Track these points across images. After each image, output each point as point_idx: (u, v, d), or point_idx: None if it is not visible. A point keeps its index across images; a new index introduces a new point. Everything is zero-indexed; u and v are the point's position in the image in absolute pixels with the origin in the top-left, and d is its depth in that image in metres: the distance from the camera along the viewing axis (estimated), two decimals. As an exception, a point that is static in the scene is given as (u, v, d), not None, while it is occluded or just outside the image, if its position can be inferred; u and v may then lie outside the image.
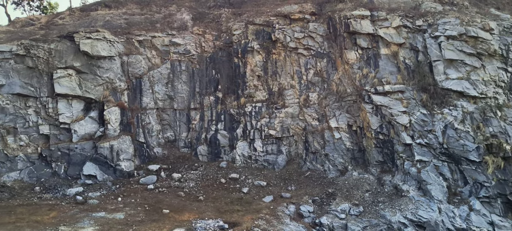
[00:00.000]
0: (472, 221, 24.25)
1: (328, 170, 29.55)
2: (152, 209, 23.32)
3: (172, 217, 22.31)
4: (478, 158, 25.67)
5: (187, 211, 23.26)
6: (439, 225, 23.88)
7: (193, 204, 24.81)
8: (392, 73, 29.71)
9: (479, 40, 28.55)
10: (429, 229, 23.82)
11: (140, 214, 22.44)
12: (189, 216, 22.42)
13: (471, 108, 27.58)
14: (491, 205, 25.24)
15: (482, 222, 24.29)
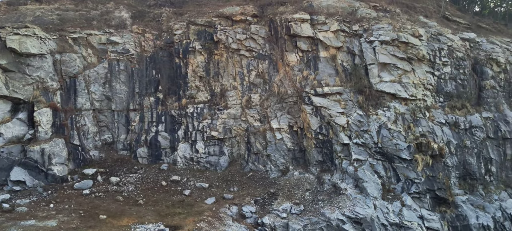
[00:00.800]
0: (404, 216, 25.71)
1: (270, 170, 29.92)
2: (87, 215, 22.18)
3: (110, 222, 21.37)
4: (409, 156, 27.27)
5: (126, 216, 22.40)
6: (374, 221, 25.04)
7: (133, 208, 23.96)
8: (331, 76, 30.75)
9: (410, 45, 30.40)
10: (365, 225, 24.90)
11: (74, 220, 21.24)
12: (128, 221, 21.61)
13: (403, 109, 29.29)
14: (421, 200, 26.95)
15: (413, 217, 25.84)
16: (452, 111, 31.17)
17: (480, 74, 33.82)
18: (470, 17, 44.97)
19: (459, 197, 28.48)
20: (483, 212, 27.94)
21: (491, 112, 32.50)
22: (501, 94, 34.04)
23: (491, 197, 29.61)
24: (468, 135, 30.87)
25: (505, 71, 34.48)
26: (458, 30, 38.04)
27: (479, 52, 34.62)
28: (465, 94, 32.53)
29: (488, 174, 31.07)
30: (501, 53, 34.78)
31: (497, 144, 31.73)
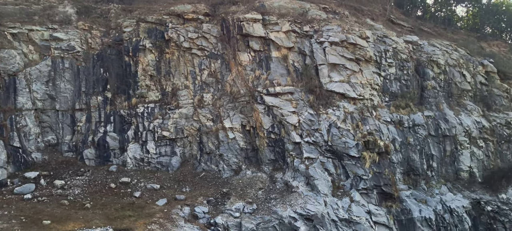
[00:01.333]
0: (353, 211, 26.56)
1: (222, 170, 29.81)
2: (30, 221, 21.01)
3: (54, 228, 20.41)
4: (357, 153, 28.22)
5: (71, 221, 21.46)
6: (325, 217, 25.68)
7: (79, 213, 22.98)
8: (283, 76, 31.16)
9: (358, 47, 31.47)
10: (317, 222, 25.47)
11: (15, 227, 20.06)
12: (74, 226, 20.73)
13: (351, 108, 30.25)
14: (369, 195, 27.96)
15: (361, 212, 26.76)
16: (397, 111, 32.62)
17: (422, 75, 35.65)
18: (413, 21, 47.30)
19: (403, 192, 29.89)
20: (426, 206, 29.49)
21: (432, 111, 34.35)
22: (441, 94, 36.06)
23: (432, 191, 31.31)
24: (412, 132, 32.45)
25: (445, 73, 36.56)
26: (402, 33, 39.90)
27: (421, 54, 36.48)
28: (409, 94, 34.16)
29: (429, 170, 32.84)
30: (441, 55, 36.85)
31: (437, 141, 33.60)
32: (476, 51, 44.16)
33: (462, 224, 29.94)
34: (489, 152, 35.87)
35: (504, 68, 43.41)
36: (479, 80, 39.23)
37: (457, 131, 34.08)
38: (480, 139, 35.32)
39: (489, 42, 53.34)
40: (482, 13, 58.08)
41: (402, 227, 28.06)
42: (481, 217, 31.87)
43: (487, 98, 39.12)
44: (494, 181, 34.11)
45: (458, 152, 34.14)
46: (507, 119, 37.68)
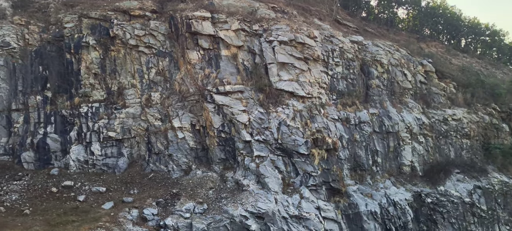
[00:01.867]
0: (303, 208, 27.00)
1: (172, 170, 29.18)
2: (-40, 231, 19.42)
3: (-11, 236, 18.99)
4: (307, 151, 28.70)
5: (8, 228, 20.10)
6: (275, 214, 25.88)
7: (17, 219, 21.57)
8: (232, 74, 31.03)
9: (306, 46, 32.02)
10: (268, 219, 25.61)
11: None
12: (11, 234, 19.41)
13: (300, 106, 30.71)
14: (318, 192, 28.55)
15: (311, 208, 27.26)
16: (344, 108, 33.58)
17: (367, 74, 36.96)
18: (358, 22, 48.99)
19: (350, 187, 30.80)
20: (371, 200, 30.60)
21: (377, 109, 35.71)
22: (384, 92, 37.58)
23: (377, 185, 32.56)
24: (358, 129, 33.54)
25: (388, 72, 38.14)
26: (348, 33, 41.15)
27: (366, 54, 37.80)
28: (355, 92, 35.29)
29: (375, 165, 34.11)
30: (384, 55, 38.41)
31: (382, 137, 34.98)
32: (416, 52, 46.53)
33: (405, 216, 31.38)
34: (429, 147, 37.90)
35: (442, 68, 46.08)
36: (419, 79, 41.35)
37: (400, 127, 35.70)
38: (420, 134, 37.23)
39: (428, 43, 56.47)
40: (421, 15, 61.32)
41: (350, 221, 28.94)
42: (422, 208, 33.59)
43: (427, 96, 41.32)
44: (433, 174, 36.11)
45: (401, 147, 35.76)
46: (445, 116, 40.01)
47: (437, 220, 33.77)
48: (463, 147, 40.69)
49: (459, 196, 34.91)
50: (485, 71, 56.02)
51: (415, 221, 32.71)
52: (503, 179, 39.31)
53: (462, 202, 34.92)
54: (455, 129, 40.16)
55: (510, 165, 41.89)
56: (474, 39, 68.56)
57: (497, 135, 44.18)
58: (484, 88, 47.54)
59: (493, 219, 36.85)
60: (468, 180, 36.91)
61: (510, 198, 38.99)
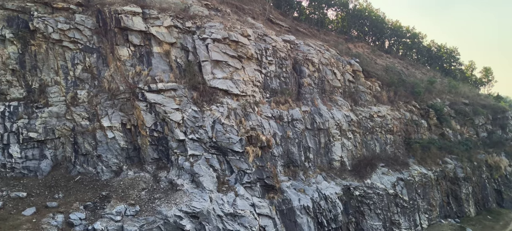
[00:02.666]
0: (238, 205, 27.05)
1: (101, 172, 27.80)
2: None
3: None
4: (241, 148, 28.80)
5: None
6: (210, 213, 25.66)
7: None
8: (165, 72, 30.27)
9: (240, 44, 32.10)
10: (202, 218, 25.32)
11: None
12: None
13: (235, 105, 30.75)
14: (252, 189, 28.77)
15: (246, 205, 27.41)
16: (277, 106, 34.18)
17: (299, 72, 37.95)
18: (290, 21, 50.14)
19: (284, 183, 31.45)
20: (304, 195, 31.46)
21: (308, 106, 36.80)
22: (315, 90, 38.84)
23: (309, 180, 33.55)
24: (291, 127, 34.33)
25: (319, 71, 39.46)
26: (281, 32, 41.99)
27: (298, 53, 38.79)
28: (287, 90, 36.06)
29: (307, 161, 35.13)
30: (315, 54, 39.67)
31: (313, 134, 36.11)
32: (344, 52, 48.70)
33: (335, 209, 32.67)
34: (357, 142, 39.83)
35: (368, 67, 48.66)
36: (347, 78, 43.28)
37: (330, 124, 37.10)
38: (349, 131, 39.00)
39: (355, 43, 59.36)
40: (349, 17, 64.27)
41: (283, 217, 29.54)
42: (351, 201, 35.20)
43: (354, 94, 43.41)
44: (361, 168, 38.02)
45: (331, 143, 37.18)
46: (371, 113, 42.29)
47: (365, 212, 35.61)
48: (387, 142, 43.32)
49: (384, 188, 37.08)
50: (406, 71, 60.08)
51: (345, 213, 34.21)
52: (422, 170, 42.43)
53: (386, 193, 37.13)
54: (380, 125, 42.63)
55: (428, 158, 45.32)
56: (397, 41, 73.35)
57: (417, 130, 47.63)
58: (405, 87, 51.00)
59: (414, 208, 39.63)
60: (392, 172, 39.36)
61: (429, 188, 42.20)
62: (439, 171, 44.78)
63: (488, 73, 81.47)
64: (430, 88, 55.51)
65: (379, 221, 36.03)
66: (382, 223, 36.20)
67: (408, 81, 52.74)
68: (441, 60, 79.24)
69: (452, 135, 51.49)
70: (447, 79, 67.64)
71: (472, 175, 48.18)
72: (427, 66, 75.53)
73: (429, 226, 41.39)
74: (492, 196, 50.66)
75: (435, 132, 50.38)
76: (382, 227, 36.10)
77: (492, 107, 60.08)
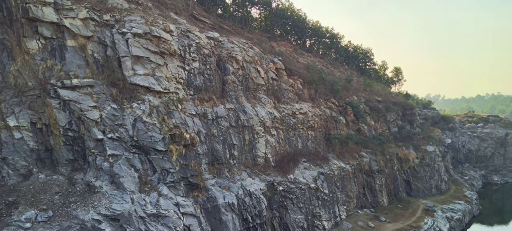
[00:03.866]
0: (161, 205, 26.29)
1: (7, 176, 25.32)
2: None
3: None
4: (164, 147, 27.99)
5: None
6: (132, 215, 24.63)
7: None
8: (81, 67, 28.40)
9: (162, 40, 31.12)
10: (123, 221, 24.21)
11: None
12: None
13: (157, 102, 29.79)
14: (176, 188, 28.14)
15: (169, 205, 26.72)
16: (201, 104, 33.75)
17: (223, 70, 37.83)
18: (214, 18, 49.78)
19: (209, 181, 31.18)
20: (229, 192, 31.46)
21: (233, 104, 36.85)
22: (240, 88, 39.01)
23: (234, 177, 33.63)
24: (215, 124, 34.11)
25: (243, 68, 39.68)
26: (205, 29, 41.52)
27: (222, 50, 38.66)
28: (212, 88, 35.77)
29: (232, 158, 35.17)
30: (239, 52, 39.83)
31: (238, 131, 36.24)
32: (268, 50, 49.54)
33: (260, 204, 33.12)
34: (280, 139, 40.75)
35: (290, 65, 50.01)
36: (271, 76, 44.08)
37: (254, 121, 37.51)
38: (272, 128, 39.76)
39: (278, 42, 60.70)
40: (272, 16, 65.50)
41: (208, 215, 29.29)
42: (275, 196, 35.94)
43: (277, 92, 44.36)
44: (284, 164, 38.99)
45: (255, 140, 37.62)
46: (293, 110, 43.51)
47: (288, 206, 36.57)
48: (309, 138, 44.91)
49: (306, 183, 38.38)
50: (326, 70, 62.78)
51: (269, 208, 34.83)
52: (341, 164, 44.63)
53: (308, 187, 38.49)
54: (302, 122, 44.05)
55: (346, 152, 47.83)
56: (317, 41, 76.33)
57: (336, 126, 50.01)
58: (325, 85, 53.30)
59: (334, 200, 41.56)
60: (313, 167, 40.89)
61: (347, 181, 44.53)
62: (356, 164, 47.46)
63: (398, 73, 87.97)
64: (348, 87, 58.64)
65: (301, 215, 37.22)
66: (304, 216, 37.43)
67: (328, 80, 55.18)
68: (357, 60, 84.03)
69: (367, 130, 54.86)
70: (362, 78, 71.89)
71: (385, 167, 51.75)
72: (345, 65, 79.62)
73: (347, 216, 43.70)
74: (402, 186, 54.83)
75: (352, 127, 53.33)
76: (304, 220, 37.35)
77: (402, 105, 65.03)
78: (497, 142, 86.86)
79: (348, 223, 41.71)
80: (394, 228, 42.22)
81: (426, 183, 58.57)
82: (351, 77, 63.38)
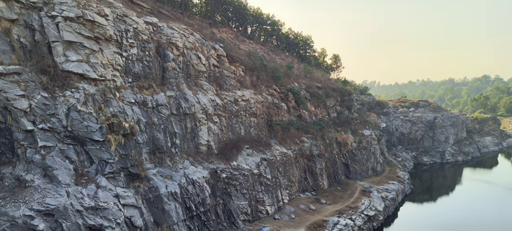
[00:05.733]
0: (100, 197, 25.25)
1: None
2: None
3: None
4: (102, 137, 26.82)
5: None
6: (68, 209, 23.45)
7: None
8: (6, 53, 26.28)
9: (96, 24, 29.56)
10: (58, 215, 23.00)
11: None
12: None
13: (93, 90, 28.39)
14: (116, 179, 27.13)
15: (109, 197, 25.74)
16: (140, 91, 32.66)
17: (163, 56, 36.82)
18: (152, 3, 48.15)
19: (150, 170, 30.40)
20: (171, 181, 30.91)
21: (174, 91, 36.06)
22: (181, 75, 38.23)
23: (177, 166, 33.08)
24: (156, 112, 33.22)
25: (183, 55, 38.88)
26: (142, 13, 40.05)
27: (161, 36, 37.58)
28: (151, 75, 34.72)
29: (173, 147, 34.52)
30: (180, 38, 38.94)
31: (179, 119, 35.59)
32: (209, 36, 48.94)
33: (203, 192, 32.90)
34: (223, 126, 40.60)
35: (232, 52, 49.80)
36: (212, 62, 43.61)
37: (196, 109, 37.01)
38: (215, 115, 39.48)
39: (219, 28, 60.18)
40: (213, 2, 64.73)
41: (150, 205, 28.63)
42: (218, 183, 35.87)
43: (219, 79, 44.04)
44: (227, 151, 38.95)
45: (198, 128, 37.18)
46: (235, 97, 43.47)
47: (231, 193, 36.69)
48: (251, 124, 45.19)
49: (249, 169, 38.67)
50: (267, 57, 63.32)
51: (212, 196, 34.72)
52: (283, 150, 45.45)
53: (251, 173, 38.82)
54: (245, 109, 44.18)
55: (288, 138, 48.75)
56: (258, 28, 76.67)
57: (278, 113, 50.74)
58: (266, 72, 53.75)
59: (276, 185, 42.31)
60: (256, 153, 41.26)
61: (289, 166, 45.47)
62: (297, 149, 48.56)
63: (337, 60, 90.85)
64: (289, 73, 59.60)
65: (245, 200, 37.52)
66: (248, 202, 37.78)
67: (269, 67, 55.71)
68: (298, 47, 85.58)
69: (308, 116, 56.26)
70: (303, 65, 73.39)
71: (325, 152, 53.47)
72: (286, 52, 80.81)
73: (290, 200, 44.74)
74: (341, 169, 57.04)
75: (294, 113, 54.42)
76: (248, 205, 37.70)
77: (341, 91, 67.34)
78: (427, 125, 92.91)
79: (290, 207, 42.72)
80: (334, 210, 43.88)
81: (363, 165, 61.38)
82: (292, 64, 64.48)
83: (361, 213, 44.54)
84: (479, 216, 51.17)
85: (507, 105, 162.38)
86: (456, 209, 55.05)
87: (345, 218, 41.59)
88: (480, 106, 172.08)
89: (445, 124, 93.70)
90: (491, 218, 50.02)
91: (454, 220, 49.53)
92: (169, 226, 29.64)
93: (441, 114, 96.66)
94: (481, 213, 52.41)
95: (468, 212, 53.54)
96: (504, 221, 48.83)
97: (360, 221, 42.72)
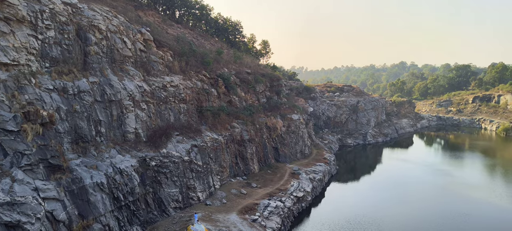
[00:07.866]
0: (16, 192, 23.32)
1: None
2: None
3: None
4: (16, 127, 24.75)
5: None
6: (-22, 206, 21.38)
7: None
8: None
9: (6, 4, 26.99)
10: (-33, 214, 20.90)
11: None
12: None
13: (4, 76, 25.98)
14: (34, 171, 25.21)
15: (27, 190, 23.87)
16: (59, 77, 30.50)
17: (84, 40, 34.65)
18: (71, -17, 44.95)
19: (73, 161, 28.68)
20: (97, 171, 29.45)
21: (97, 77, 34.17)
22: (104, 60, 36.30)
23: (102, 156, 31.56)
24: (78, 99, 31.27)
25: (107, 39, 36.90)
26: (60, -6, 37.24)
27: (82, 18, 35.29)
28: (72, 59, 32.54)
29: (98, 135, 32.84)
30: (102, 20, 36.86)
31: (104, 107, 33.87)
32: (134, 20, 46.94)
33: (132, 181, 31.81)
34: (151, 113, 39.37)
35: (159, 37, 48.31)
36: (138, 47, 41.95)
37: (122, 95, 35.45)
38: (142, 102, 38.13)
39: (145, 11, 57.93)
40: (138, -16, 62.07)
41: (74, 197, 27.07)
42: (148, 172, 34.85)
43: (147, 64, 42.52)
44: (156, 138, 37.92)
45: (124, 115, 35.68)
46: (164, 83, 42.30)
47: (162, 181, 35.87)
48: (181, 111, 44.35)
49: (179, 156, 38.01)
50: (196, 42, 62.33)
51: (142, 184, 33.69)
52: (213, 136, 45.26)
53: (182, 161, 38.22)
54: (174, 95, 43.19)
55: (218, 124, 48.61)
56: (187, 12, 75.06)
57: (208, 99, 50.31)
58: (196, 57, 52.94)
59: (207, 171, 42.12)
60: (186, 140, 40.64)
61: (220, 151, 45.43)
62: (228, 135, 48.65)
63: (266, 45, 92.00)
64: (218, 59, 59.23)
65: (175, 188, 36.92)
66: (179, 189, 37.22)
67: (199, 52, 54.90)
68: (227, 32, 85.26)
69: (238, 101, 56.48)
70: (232, 50, 73.34)
71: (255, 136, 54.18)
72: (215, 37, 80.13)
73: (221, 186, 44.85)
74: (271, 153, 58.24)
75: (224, 99, 54.31)
76: (179, 193, 37.15)
77: (270, 76, 68.40)
78: (350, 109, 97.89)
79: (222, 192, 42.85)
80: (265, 193, 44.78)
81: (292, 148, 63.21)
82: (222, 49, 64.13)
83: (291, 194, 45.95)
84: (398, 191, 55.35)
85: (421, 90, 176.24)
86: (377, 186, 58.97)
87: (275, 200, 42.64)
88: (397, 90, 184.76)
89: (367, 108, 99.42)
90: (408, 192, 54.44)
91: (376, 196, 53.05)
92: (96, 218, 28.29)
93: (363, 98, 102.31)
94: (400, 188, 56.73)
95: (388, 188, 57.62)
96: (421, 197, 53.31)
97: (289, 202, 44.06)
